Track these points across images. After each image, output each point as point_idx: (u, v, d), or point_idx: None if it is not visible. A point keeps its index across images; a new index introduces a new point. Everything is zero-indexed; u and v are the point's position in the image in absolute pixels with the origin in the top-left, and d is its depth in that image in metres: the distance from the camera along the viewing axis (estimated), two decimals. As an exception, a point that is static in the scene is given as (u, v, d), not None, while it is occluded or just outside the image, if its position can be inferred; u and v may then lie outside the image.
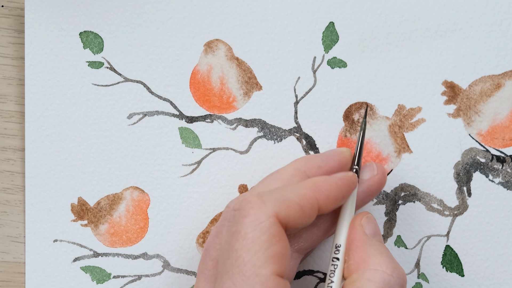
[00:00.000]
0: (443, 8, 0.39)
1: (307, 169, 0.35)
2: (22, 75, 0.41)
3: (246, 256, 0.29)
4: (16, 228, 0.41)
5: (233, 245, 0.30)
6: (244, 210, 0.30)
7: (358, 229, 0.33)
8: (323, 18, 0.40)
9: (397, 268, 0.31)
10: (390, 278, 0.30)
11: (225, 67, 0.40)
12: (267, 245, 0.29)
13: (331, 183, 0.33)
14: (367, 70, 0.40)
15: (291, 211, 0.30)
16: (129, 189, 0.40)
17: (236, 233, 0.30)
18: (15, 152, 0.41)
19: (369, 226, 0.33)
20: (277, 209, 0.30)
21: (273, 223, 0.30)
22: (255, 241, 0.29)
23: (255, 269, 0.29)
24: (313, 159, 0.35)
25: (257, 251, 0.29)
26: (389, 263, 0.31)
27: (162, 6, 0.40)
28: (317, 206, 0.32)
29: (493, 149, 0.40)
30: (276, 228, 0.30)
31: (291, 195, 0.31)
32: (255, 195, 0.31)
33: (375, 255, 0.32)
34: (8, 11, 0.41)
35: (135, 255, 0.41)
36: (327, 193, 0.32)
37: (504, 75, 0.40)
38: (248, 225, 0.30)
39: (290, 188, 0.32)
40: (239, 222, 0.30)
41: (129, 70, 0.40)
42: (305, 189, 0.32)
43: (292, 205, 0.31)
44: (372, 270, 0.31)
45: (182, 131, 0.40)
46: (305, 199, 0.31)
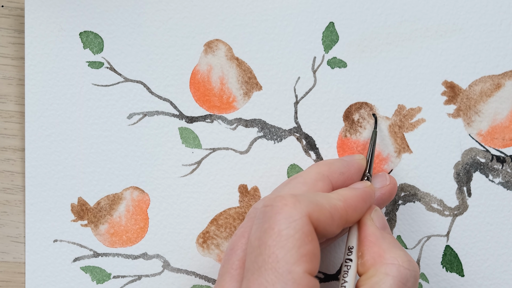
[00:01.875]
0: (443, 8, 0.39)
1: (330, 174, 0.35)
2: (22, 75, 0.41)
3: (280, 253, 0.29)
4: (16, 228, 0.41)
5: (265, 241, 0.30)
6: (278, 207, 0.30)
7: (369, 223, 0.33)
8: (323, 18, 0.40)
9: (412, 261, 0.32)
10: (406, 271, 0.31)
11: (225, 67, 0.40)
12: (300, 243, 0.29)
13: (357, 196, 0.33)
14: (367, 70, 0.40)
15: (322, 216, 0.31)
16: (129, 189, 0.40)
17: (269, 230, 0.30)
18: (15, 152, 0.41)
19: (379, 219, 0.34)
20: (310, 209, 0.30)
21: (306, 222, 0.30)
22: (289, 238, 0.29)
23: (288, 266, 0.29)
24: (335, 164, 0.35)
25: (290, 249, 0.29)
26: (404, 256, 0.31)
27: (162, 6, 0.40)
28: (346, 217, 0.32)
29: (493, 149, 0.40)
30: (309, 228, 0.30)
31: (323, 201, 0.31)
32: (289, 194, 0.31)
33: (390, 249, 0.32)
34: (8, 11, 0.41)
35: (135, 255, 0.41)
36: (355, 205, 0.32)
37: (504, 75, 0.40)
38: (282, 221, 0.30)
39: (322, 195, 0.32)
40: (272, 218, 0.30)
41: (129, 70, 0.40)
42: (336, 200, 0.32)
43: (324, 211, 0.31)
44: (389, 265, 0.31)
45: (182, 131, 0.40)
46: (335, 209, 0.31)
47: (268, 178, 0.40)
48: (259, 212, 0.31)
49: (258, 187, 0.40)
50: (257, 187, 0.40)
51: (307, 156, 0.40)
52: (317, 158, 0.40)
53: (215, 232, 0.40)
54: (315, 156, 0.40)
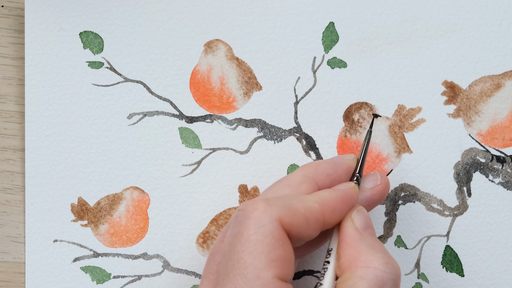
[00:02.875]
0: (443, 8, 0.39)
1: (316, 176, 0.34)
2: (22, 75, 0.41)
3: (248, 258, 0.29)
4: (16, 228, 0.41)
5: (235, 246, 0.30)
6: (248, 212, 0.30)
7: (348, 225, 0.32)
8: (323, 18, 0.40)
9: (390, 263, 0.30)
10: (383, 274, 0.30)
11: (225, 67, 0.40)
12: (269, 248, 0.29)
13: (336, 197, 0.32)
14: (367, 70, 0.40)
15: (295, 219, 0.30)
16: (129, 189, 0.40)
17: (238, 235, 0.30)
18: (15, 152, 0.41)
19: (360, 219, 0.33)
20: (281, 214, 0.30)
21: (276, 226, 0.29)
22: (258, 244, 0.29)
23: (256, 272, 0.28)
24: (322, 165, 0.35)
25: (259, 254, 0.29)
26: (381, 258, 0.30)
27: (162, 6, 0.40)
28: (323, 220, 0.31)
29: (493, 149, 0.40)
30: (279, 232, 0.29)
31: (298, 204, 0.31)
32: (261, 198, 0.31)
33: (367, 252, 0.31)
34: (8, 11, 0.41)
35: (135, 255, 0.41)
36: (333, 207, 0.32)
37: (504, 75, 0.40)
38: (251, 226, 0.29)
39: (297, 198, 0.32)
40: (242, 223, 0.30)
41: (129, 70, 0.40)
42: (312, 202, 0.31)
43: (297, 214, 0.30)
44: (364, 268, 0.30)
45: (182, 131, 0.40)
46: (311, 212, 0.31)
47: (268, 178, 0.40)
48: (233, 216, 0.31)
49: (258, 187, 0.40)
50: (257, 187, 0.40)
51: (307, 156, 0.40)
52: (317, 158, 0.40)
53: (215, 232, 0.40)
54: (315, 156, 0.40)
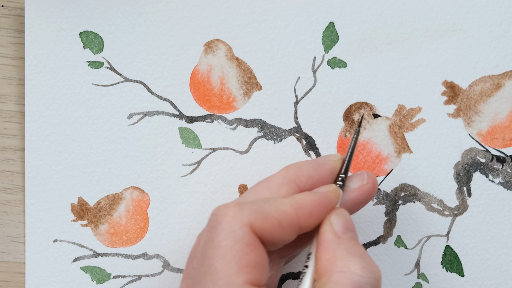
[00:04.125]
0: (443, 8, 0.39)
1: (297, 178, 0.33)
2: (22, 75, 0.41)
3: (219, 265, 0.28)
4: (16, 228, 0.41)
5: (206, 252, 0.29)
6: (219, 217, 0.30)
7: (325, 228, 0.31)
8: (323, 18, 0.40)
9: (367, 267, 0.29)
10: (359, 278, 0.29)
11: (225, 67, 0.40)
12: (240, 254, 0.28)
13: (313, 201, 0.31)
14: (367, 70, 0.40)
15: (268, 224, 0.30)
16: (129, 189, 0.40)
17: (210, 241, 0.29)
18: (15, 152, 0.41)
19: (339, 222, 0.31)
20: (252, 219, 0.29)
21: (247, 232, 0.29)
22: (228, 250, 0.29)
23: (227, 278, 0.28)
24: (305, 167, 0.34)
25: (229, 260, 0.28)
26: (358, 262, 0.29)
27: (162, 6, 0.40)
28: (298, 224, 0.31)
29: (493, 149, 0.40)
30: (251, 238, 0.29)
31: (271, 209, 0.30)
32: (234, 203, 0.30)
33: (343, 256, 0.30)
34: (8, 11, 0.41)
35: (135, 255, 0.41)
36: (309, 211, 0.31)
37: (504, 75, 0.40)
38: (221, 232, 0.29)
39: (271, 202, 0.31)
40: (213, 229, 0.29)
41: (129, 70, 0.40)
42: (287, 206, 0.31)
43: (270, 219, 0.30)
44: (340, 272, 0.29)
45: (182, 131, 0.40)
46: (285, 216, 0.30)
47: (268, 178, 0.40)
48: (208, 220, 0.31)
49: (258, 187, 0.40)
50: (257, 187, 0.40)
51: (307, 156, 0.40)
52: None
53: (215, 232, 0.40)
54: (315, 156, 0.40)
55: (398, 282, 0.40)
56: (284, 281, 0.40)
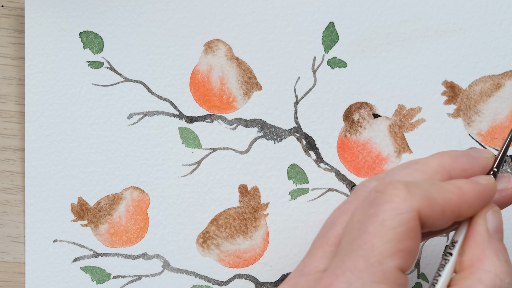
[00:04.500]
0: (443, 8, 0.39)
1: (452, 169, 0.32)
2: (22, 75, 0.41)
3: (377, 242, 0.28)
4: (16, 228, 0.41)
5: (367, 226, 0.28)
6: (388, 196, 0.29)
7: (480, 223, 0.31)
8: (323, 18, 0.40)
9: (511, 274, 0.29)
10: (501, 283, 0.29)
11: (225, 67, 0.40)
12: (400, 238, 0.28)
13: (476, 192, 0.31)
14: (367, 70, 0.40)
15: (434, 212, 0.29)
16: (129, 189, 0.40)
17: (373, 216, 0.28)
18: (15, 152, 0.41)
19: (494, 221, 0.31)
20: (421, 204, 0.29)
21: (413, 217, 0.28)
22: (390, 230, 0.28)
23: (381, 258, 0.28)
24: (459, 159, 0.33)
25: (389, 241, 0.28)
26: (504, 267, 0.29)
27: (162, 6, 0.40)
28: (458, 213, 0.30)
29: (493, 149, 0.40)
30: (414, 224, 0.28)
31: (437, 195, 0.29)
32: (403, 183, 0.29)
33: (492, 256, 0.30)
34: (8, 11, 0.41)
35: (135, 255, 0.41)
36: (471, 201, 0.30)
37: (504, 75, 0.40)
38: (389, 212, 0.28)
39: (437, 187, 0.30)
40: (380, 206, 0.29)
41: (129, 70, 0.40)
42: (451, 194, 0.30)
43: (436, 206, 0.29)
44: (485, 272, 0.29)
45: (182, 131, 0.40)
46: (449, 204, 0.30)
47: (268, 178, 0.40)
48: (368, 195, 0.30)
49: (258, 187, 0.40)
50: (257, 187, 0.40)
51: (307, 156, 0.40)
52: (317, 158, 0.40)
53: (215, 232, 0.40)
54: (315, 156, 0.40)
55: (398, 282, 0.40)
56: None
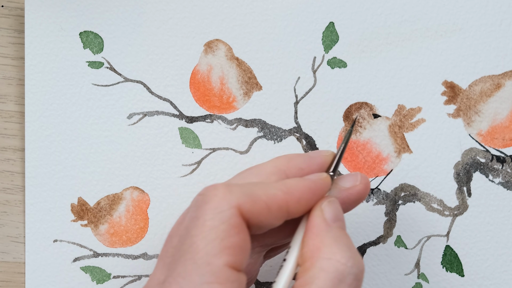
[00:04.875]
0: (443, 8, 0.39)
1: (288, 169, 0.33)
2: (22, 75, 0.41)
3: (201, 244, 0.28)
4: (16, 228, 0.41)
5: (190, 230, 0.29)
6: (207, 196, 0.29)
7: (316, 214, 0.31)
8: (323, 18, 0.40)
9: (353, 257, 0.29)
10: (344, 267, 0.29)
11: (225, 67, 0.40)
12: (224, 235, 0.28)
13: (304, 186, 0.31)
14: (367, 70, 0.40)
15: (256, 207, 0.29)
16: (129, 189, 0.40)
17: (195, 219, 0.29)
18: (15, 152, 0.41)
19: (331, 210, 0.31)
20: (241, 201, 0.29)
21: (234, 214, 0.29)
22: (213, 229, 0.28)
23: (207, 258, 0.28)
24: (295, 159, 0.34)
25: (212, 240, 0.28)
26: (344, 251, 0.29)
27: (162, 6, 0.40)
28: (286, 209, 0.30)
29: (493, 149, 0.40)
30: (237, 220, 0.29)
31: (260, 192, 0.30)
32: (223, 184, 0.30)
33: (331, 244, 0.30)
34: (8, 11, 0.41)
35: (135, 255, 0.41)
36: (299, 196, 0.31)
37: (504, 75, 0.40)
38: (209, 212, 0.29)
39: (261, 185, 0.31)
40: (200, 208, 0.29)
41: (129, 70, 0.40)
42: (276, 190, 0.30)
43: (259, 202, 0.30)
44: (325, 259, 0.29)
45: (182, 131, 0.40)
46: (274, 200, 0.30)
47: (268, 178, 0.40)
48: (193, 200, 0.31)
49: (258, 187, 0.40)
50: (257, 187, 0.40)
51: (307, 156, 0.40)
52: (317, 158, 0.40)
53: (215, 232, 0.40)
54: (315, 156, 0.40)
55: (398, 282, 0.40)
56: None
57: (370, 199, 0.40)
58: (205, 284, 0.28)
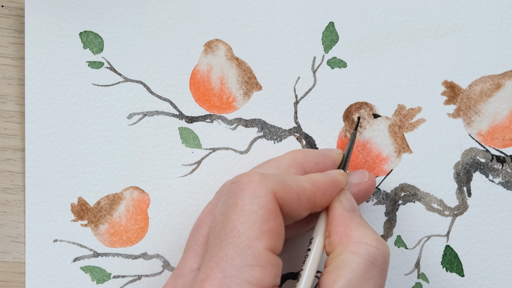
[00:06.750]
0: (443, 8, 0.39)
1: (304, 162, 0.35)
2: (22, 75, 0.41)
3: (242, 228, 0.29)
4: (16, 228, 0.41)
5: (229, 216, 0.30)
6: (244, 183, 0.30)
7: (337, 205, 0.33)
8: (323, 18, 0.40)
9: (380, 240, 0.31)
10: (374, 250, 0.31)
11: (225, 67, 0.40)
12: (263, 220, 0.29)
13: (328, 181, 0.33)
14: (367, 70, 0.40)
15: (289, 195, 0.31)
16: (129, 189, 0.40)
17: (233, 205, 0.30)
18: (15, 152, 0.41)
19: (348, 202, 0.34)
20: (276, 187, 0.30)
21: (271, 199, 0.30)
22: (252, 214, 0.29)
23: (249, 241, 0.29)
24: (311, 153, 0.36)
25: (252, 224, 0.29)
26: (372, 235, 0.31)
27: (162, 6, 0.40)
28: (314, 200, 0.32)
29: (493, 149, 0.40)
30: (273, 205, 0.30)
31: (291, 182, 0.31)
32: (256, 172, 0.31)
33: (358, 228, 0.32)
34: (8, 11, 0.41)
35: (135, 255, 0.41)
36: (324, 189, 0.33)
37: (504, 75, 0.40)
38: (246, 197, 0.30)
39: (291, 176, 0.32)
40: (237, 194, 0.30)
41: (129, 70, 0.40)
42: (304, 182, 0.32)
43: (291, 190, 0.31)
44: (356, 243, 0.31)
45: (182, 131, 0.40)
46: (303, 190, 0.31)
47: (268, 178, 0.40)
48: (226, 188, 0.31)
49: (258, 187, 0.40)
50: (257, 187, 0.40)
51: (307, 156, 0.40)
52: (317, 158, 0.40)
53: (215, 232, 0.40)
54: (315, 156, 0.40)
55: (398, 282, 0.40)
56: (284, 281, 0.40)
57: (370, 199, 0.40)
58: (248, 267, 0.28)
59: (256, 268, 0.28)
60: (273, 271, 0.29)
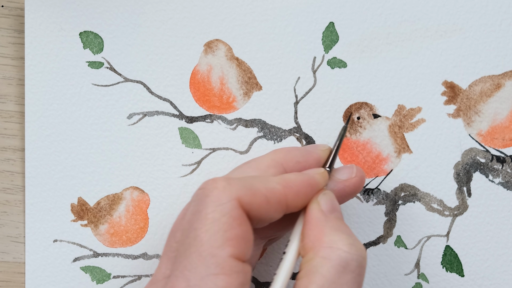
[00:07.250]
0: (443, 8, 0.39)
1: (285, 162, 0.34)
2: (22, 75, 0.41)
3: (205, 236, 0.29)
4: (16, 228, 0.41)
5: (192, 224, 0.29)
6: (208, 190, 0.30)
7: (313, 207, 0.32)
8: (323, 18, 0.40)
9: (355, 244, 0.30)
10: (346, 255, 0.30)
11: (225, 67, 0.40)
12: (226, 227, 0.29)
13: (302, 181, 0.32)
14: (367, 70, 0.40)
15: (256, 200, 0.30)
16: (129, 189, 0.40)
17: (197, 213, 0.30)
18: (15, 152, 0.41)
19: (326, 202, 0.32)
20: (241, 193, 0.30)
21: (234, 206, 0.29)
22: (215, 222, 0.29)
23: (212, 250, 0.28)
24: (292, 152, 0.35)
25: (215, 232, 0.29)
26: (345, 239, 0.30)
27: (162, 6, 0.40)
28: (285, 202, 0.31)
29: (493, 149, 0.40)
30: (238, 212, 0.29)
31: (259, 185, 0.30)
32: (223, 177, 0.30)
33: (331, 233, 0.31)
34: (8, 11, 0.41)
35: (135, 255, 0.41)
36: (297, 190, 0.31)
37: (504, 75, 0.40)
38: (210, 205, 0.29)
39: (260, 179, 0.31)
40: (201, 201, 0.30)
41: (129, 70, 0.40)
42: (275, 183, 0.31)
43: (258, 195, 0.30)
44: (327, 248, 0.30)
45: (182, 131, 0.40)
46: (273, 193, 0.31)
47: (268, 178, 0.40)
48: (194, 194, 0.31)
49: (258, 187, 0.40)
50: (257, 187, 0.40)
51: (307, 156, 0.40)
52: (317, 158, 0.40)
53: (215, 232, 0.40)
54: (315, 156, 0.40)
55: (398, 282, 0.40)
56: None
57: (370, 199, 0.40)
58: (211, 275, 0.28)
59: (221, 276, 0.28)
60: (239, 279, 0.28)
